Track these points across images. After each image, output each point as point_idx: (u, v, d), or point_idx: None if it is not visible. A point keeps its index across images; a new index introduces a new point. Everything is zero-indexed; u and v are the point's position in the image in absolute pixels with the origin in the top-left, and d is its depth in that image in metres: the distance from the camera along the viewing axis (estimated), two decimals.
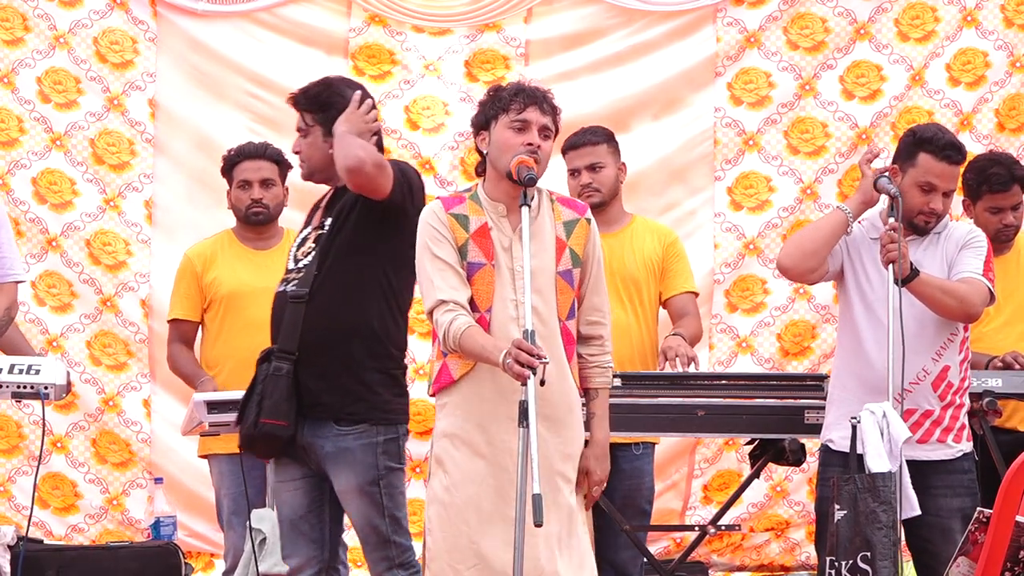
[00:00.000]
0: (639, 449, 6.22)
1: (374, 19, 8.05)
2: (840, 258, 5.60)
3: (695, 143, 8.09)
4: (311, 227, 5.26)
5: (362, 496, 5.09)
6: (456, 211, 4.91)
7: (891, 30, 8.03)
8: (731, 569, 8.07)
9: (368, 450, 5.12)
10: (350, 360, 5.10)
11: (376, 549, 5.14)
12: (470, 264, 4.85)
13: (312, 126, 5.26)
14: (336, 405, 5.09)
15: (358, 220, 5.13)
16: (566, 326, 4.89)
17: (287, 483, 5.17)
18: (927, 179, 5.51)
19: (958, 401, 5.51)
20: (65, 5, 7.84)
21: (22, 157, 7.79)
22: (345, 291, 5.11)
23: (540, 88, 4.96)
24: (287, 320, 5.08)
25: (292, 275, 5.17)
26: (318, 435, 5.08)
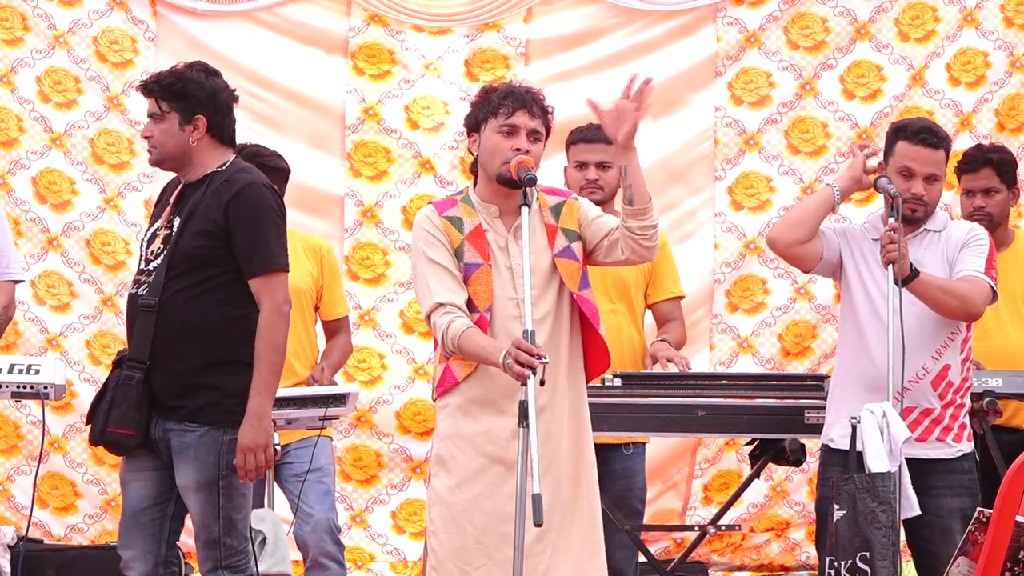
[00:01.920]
0: (629, 449, 6.21)
1: (374, 19, 8.04)
2: (837, 251, 5.59)
3: (695, 143, 8.09)
4: (160, 223, 5.21)
5: (199, 493, 5.09)
6: (449, 214, 4.91)
7: (891, 30, 8.02)
8: (731, 569, 8.06)
9: (211, 448, 5.08)
10: (200, 365, 5.08)
11: (204, 548, 5.13)
12: (467, 265, 4.85)
13: (168, 112, 5.21)
14: (187, 407, 5.09)
15: (203, 230, 5.10)
16: (582, 296, 4.87)
17: (137, 473, 5.15)
18: (903, 163, 5.52)
19: (959, 400, 5.50)
20: (65, 5, 7.84)
21: (22, 157, 7.78)
22: (194, 298, 5.09)
23: (531, 90, 4.95)
24: (138, 328, 5.09)
25: (143, 277, 5.16)
26: (167, 429, 5.09)
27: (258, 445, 5.03)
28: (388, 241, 8.00)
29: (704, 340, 7.99)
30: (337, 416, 6.16)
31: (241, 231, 5.08)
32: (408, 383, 7.95)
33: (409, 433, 7.93)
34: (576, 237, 4.92)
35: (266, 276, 5.09)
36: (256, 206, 5.13)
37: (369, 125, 8.01)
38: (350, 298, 7.82)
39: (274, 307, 5.09)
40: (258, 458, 5.04)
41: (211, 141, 5.19)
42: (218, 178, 5.16)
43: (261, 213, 5.13)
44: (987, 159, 6.36)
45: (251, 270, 5.09)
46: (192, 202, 5.13)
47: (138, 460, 5.15)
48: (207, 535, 5.11)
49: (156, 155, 5.23)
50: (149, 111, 5.23)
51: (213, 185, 5.14)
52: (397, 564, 7.92)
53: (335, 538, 6.26)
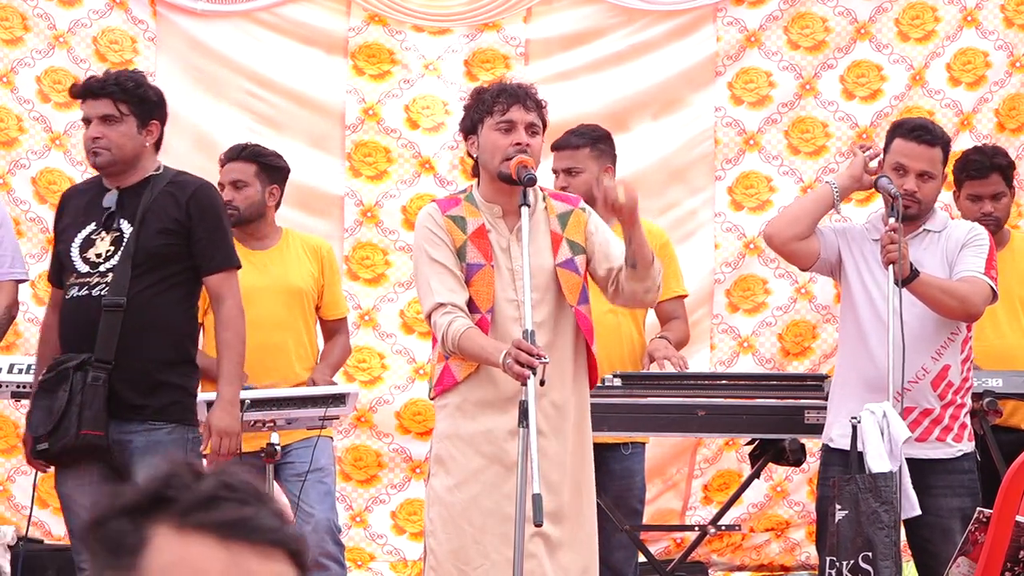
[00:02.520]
0: (628, 449, 6.21)
1: (374, 18, 8.04)
2: (835, 250, 5.59)
3: (695, 143, 8.09)
4: (97, 227, 5.25)
5: None
6: (452, 213, 4.90)
7: (891, 30, 8.02)
8: (731, 569, 8.06)
9: (180, 446, 5.17)
10: (164, 362, 5.19)
11: None
12: (469, 265, 4.84)
13: (126, 115, 5.29)
14: (152, 406, 5.17)
15: (164, 228, 5.22)
16: (579, 311, 4.88)
17: (84, 487, 5.18)
18: (897, 160, 5.53)
19: (959, 400, 5.50)
20: (64, 4, 7.84)
21: (21, 157, 7.79)
22: (158, 295, 5.20)
23: (522, 85, 4.95)
24: (103, 328, 5.11)
25: (94, 279, 5.19)
26: (126, 431, 5.13)
27: (233, 430, 5.22)
28: (388, 241, 8.00)
29: (704, 340, 7.99)
30: (337, 416, 6.16)
31: (203, 229, 5.25)
32: (408, 383, 7.95)
33: (409, 433, 7.93)
34: (581, 250, 4.92)
35: (227, 272, 5.30)
36: (215, 206, 5.35)
37: (369, 125, 8.01)
38: (350, 298, 7.83)
39: (236, 302, 5.30)
40: (232, 443, 5.21)
41: (152, 147, 5.36)
42: (159, 180, 5.30)
43: (219, 212, 5.36)
44: (995, 164, 6.36)
45: (212, 267, 5.27)
46: (143, 204, 5.21)
47: (81, 472, 5.19)
48: None
49: (108, 157, 5.28)
50: (100, 113, 5.26)
51: (157, 187, 5.27)
52: (397, 564, 7.92)
53: (336, 538, 6.27)
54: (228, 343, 5.27)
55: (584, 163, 6.18)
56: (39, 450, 5.16)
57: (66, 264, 5.25)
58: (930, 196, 5.55)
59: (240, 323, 5.31)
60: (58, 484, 5.27)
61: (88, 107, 5.29)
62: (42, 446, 5.14)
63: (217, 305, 5.32)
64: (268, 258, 6.39)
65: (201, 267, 5.27)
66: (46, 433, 5.12)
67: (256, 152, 6.36)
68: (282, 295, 6.29)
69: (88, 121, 5.30)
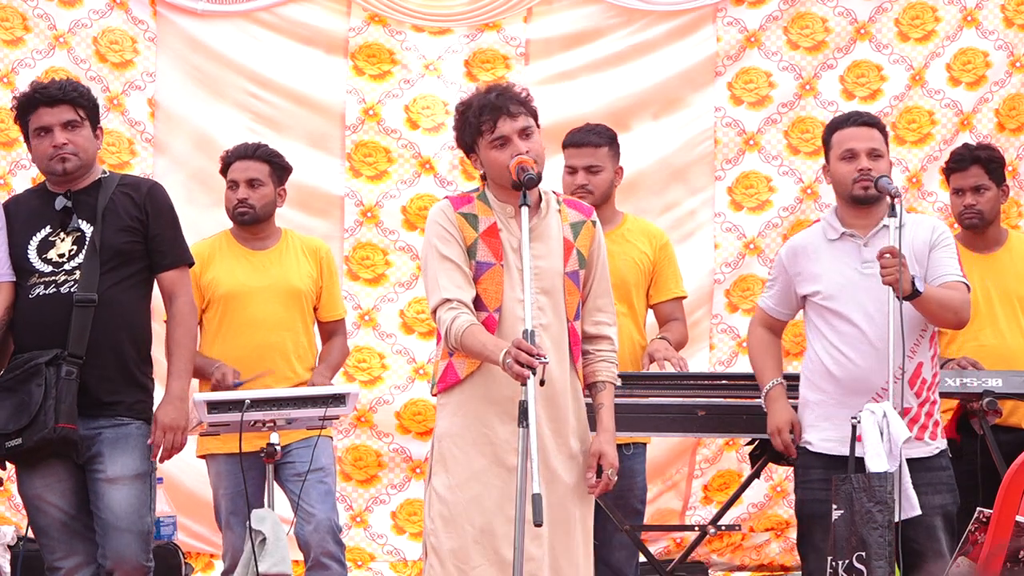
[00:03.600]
0: (630, 450, 6.21)
1: (374, 19, 8.05)
2: (795, 298, 5.63)
3: (695, 143, 8.09)
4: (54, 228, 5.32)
5: (135, 483, 5.24)
6: (465, 210, 4.90)
7: (891, 30, 8.03)
8: (731, 569, 8.07)
9: (144, 441, 5.29)
10: (129, 362, 5.30)
11: (138, 538, 5.24)
12: (479, 263, 4.84)
13: (84, 120, 5.39)
14: (124, 402, 5.27)
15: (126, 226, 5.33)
16: (573, 326, 4.89)
17: (53, 486, 5.24)
18: (844, 148, 5.52)
19: (932, 397, 5.50)
20: (65, 5, 7.84)
21: (22, 157, 7.78)
22: (124, 292, 5.30)
23: (502, 92, 4.88)
24: (76, 324, 5.19)
25: (61, 276, 5.26)
26: (94, 426, 5.20)
27: (179, 425, 5.31)
28: (388, 241, 8.00)
29: (704, 340, 7.99)
30: (337, 416, 6.15)
31: (160, 226, 5.40)
32: (408, 383, 7.95)
33: (409, 433, 7.93)
34: (584, 264, 4.93)
35: (181, 270, 5.45)
36: (169, 204, 5.48)
37: (369, 125, 8.01)
38: (350, 298, 7.83)
39: (188, 299, 5.45)
40: (178, 438, 5.31)
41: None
42: (109, 182, 5.41)
43: (173, 211, 5.49)
44: (975, 157, 6.37)
45: (168, 263, 5.42)
46: (101, 204, 5.32)
47: (52, 470, 5.24)
48: (141, 525, 5.25)
49: (76, 162, 5.38)
50: (63, 119, 5.34)
51: (109, 188, 5.37)
52: (397, 564, 7.92)
53: (337, 538, 6.26)
54: (179, 340, 5.37)
55: (604, 161, 6.21)
56: (10, 446, 5.17)
57: (22, 266, 5.30)
58: (884, 173, 5.54)
59: (192, 320, 5.46)
60: (23, 486, 5.30)
61: (46, 115, 5.36)
62: (13, 442, 5.16)
63: (169, 302, 5.43)
64: (268, 259, 6.39)
65: (156, 264, 5.40)
66: (18, 428, 5.15)
67: (269, 152, 6.39)
68: (281, 296, 6.29)
69: (46, 130, 5.35)
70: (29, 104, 5.39)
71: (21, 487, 5.32)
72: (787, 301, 5.68)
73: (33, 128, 5.39)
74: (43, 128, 5.36)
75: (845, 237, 5.51)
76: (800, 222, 7.98)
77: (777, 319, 5.75)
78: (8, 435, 5.17)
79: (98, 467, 5.23)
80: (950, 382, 5.86)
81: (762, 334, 5.77)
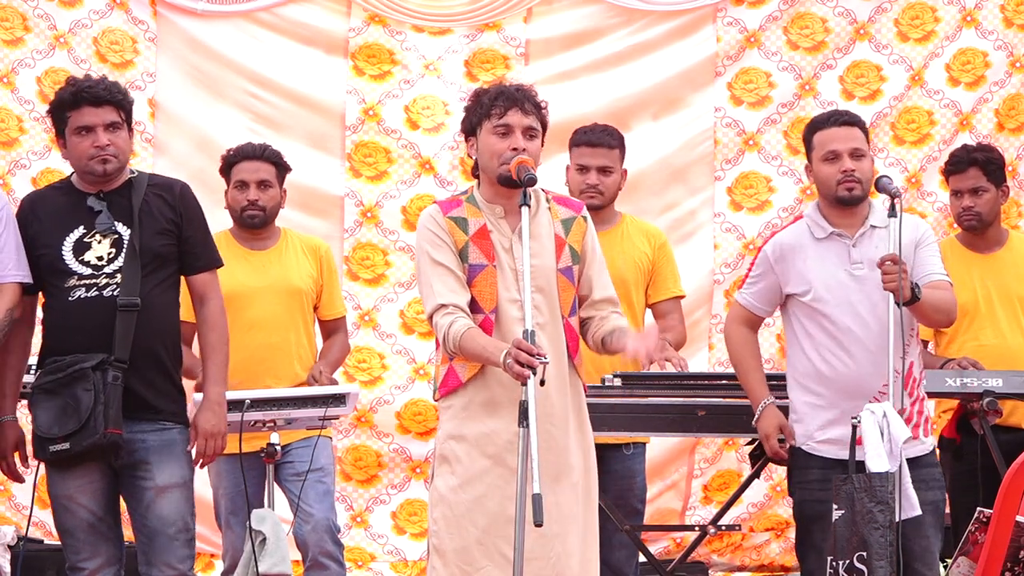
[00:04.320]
0: (629, 449, 6.22)
1: (374, 19, 8.05)
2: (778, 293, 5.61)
3: (695, 143, 8.10)
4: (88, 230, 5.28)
5: (181, 490, 5.23)
6: (454, 214, 4.90)
7: (891, 30, 8.03)
8: (731, 569, 8.07)
9: (186, 446, 5.29)
10: (167, 365, 5.27)
11: (186, 545, 5.23)
12: (472, 266, 4.85)
13: (123, 122, 5.35)
14: (167, 408, 5.25)
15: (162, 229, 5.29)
16: (569, 323, 4.90)
17: (85, 487, 5.20)
18: (826, 149, 5.52)
19: (920, 394, 5.50)
20: (65, 5, 7.84)
21: (22, 157, 7.79)
22: (162, 298, 5.27)
23: (522, 87, 4.94)
24: (120, 328, 5.15)
25: (102, 279, 5.22)
26: (135, 429, 5.16)
27: (219, 431, 5.29)
28: (388, 241, 8.00)
29: (704, 340, 7.99)
30: (337, 416, 6.16)
31: (193, 228, 5.36)
32: (408, 383, 7.95)
33: (409, 433, 7.93)
34: (578, 259, 4.93)
35: (212, 273, 5.41)
36: (199, 206, 5.45)
37: (369, 125, 8.02)
38: (350, 298, 7.83)
39: (220, 302, 5.40)
40: (218, 444, 5.29)
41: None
42: (140, 182, 5.36)
43: (202, 212, 5.45)
44: (972, 159, 6.37)
45: (200, 266, 5.39)
46: (136, 206, 5.27)
47: (85, 471, 5.20)
48: (188, 532, 5.24)
49: (116, 164, 5.34)
50: (107, 120, 5.30)
51: (141, 188, 5.33)
52: (397, 564, 7.92)
53: (335, 538, 6.26)
54: (214, 344, 5.34)
55: (615, 163, 6.22)
56: (56, 451, 5.13)
57: (57, 267, 5.26)
58: (867, 174, 5.53)
59: (225, 324, 5.39)
60: (54, 486, 5.25)
61: (90, 115, 5.28)
62: (60, 446, 5.12)
63: (201, 305, 5.39)
64: (268, 258, 6.39)
65: (189, 266, 5.36)
66: (65, 433, 5.10)
67: (275, 153, 6.40)
68: (282, 295, 6.29)
69: (87, 129, 5.29)
70: (73, 101, 5.31)
71: (52, 487, 5.25)
72: (770, 299, 5.65)
73: (74, 126, 5.30)
74: (85, 127, 5.28)
75: (833, 237, 5.49)
76: None
77: (757, 315, 5.72)
78: (53, 439, 5.13)
79: (144, 475, 5.19)
80: (950, 382, 5.86)
81: (743, 334, 5.73)
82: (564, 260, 4.90)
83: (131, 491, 5.22)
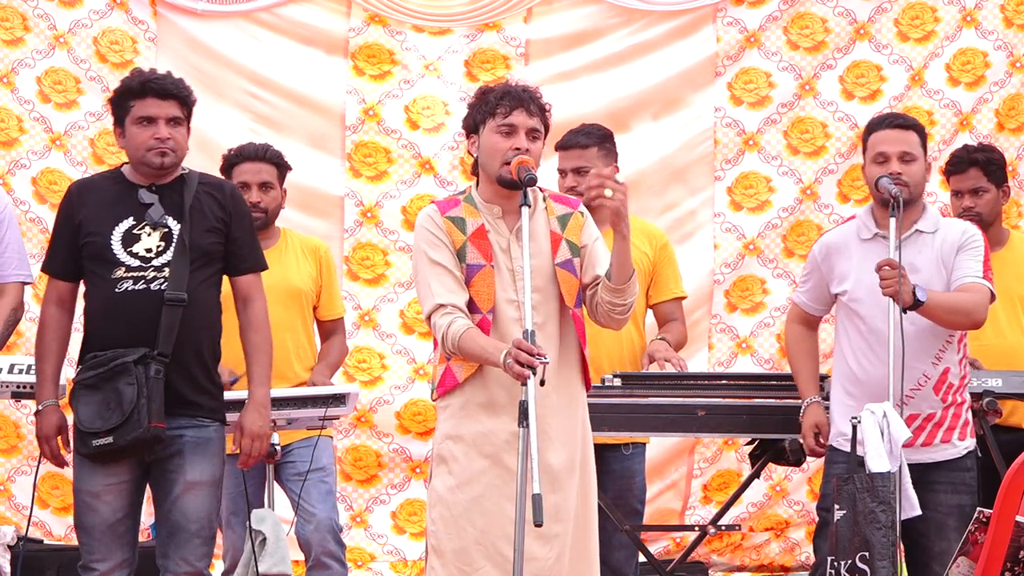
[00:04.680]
0: (629, 450, 6.22)
1: (374, 19, 8.05)
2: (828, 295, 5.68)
3: (695, 143, 8.10)
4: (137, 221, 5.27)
5: (211, 488, 5.24)
6: (452, 214, 4.90)
7: (891, 30, 8.03)
8: (731, 569, 8.07)
9: (221, 446, 5.30)
10: (207, 361, 5.29)
11: (206, 544, 5.24)
12: (469, 266, 4.85)
13: (184, 118, 5.36)
14: (205, 405, 5.26)
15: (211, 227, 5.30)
16: (576, 314, 4.89)
17: (113, 485, 5.19)
18: (876, 150, 5.58)
19: (959, 399, 5.52)
20: (65, 5, 7.84)
21: (22, 157, 7.79)
22: (207, 296, 5.29)
23: (528, 88, 4.94)
24: (165, 323, 5.15)
25: (149, 272, 5.21)
26: (174, 425, 5.16)
27: (265, 433, 5.32)
28: (388, 241, 8.00)
29: (704, 340, 7.99)
30: (337, 416, 6.16)
31: (241, 230, 5.37)
32: (408, 383, 7.95)
33: (409, 433, 7.93)
34: (577, 252, 4.93)
35: (258, 275, 5.43)
36: (248, 208, 5.51)
37: (369, 125, 8.02)
38: (350, 298, 7.84)
39: (264, 304, 5.42)
40: (264, 445, 5.32)
41: None
42: (191, 180, 5.36)
43: (251, 215, 5.52)
44: (973, 159, 6.38)
45: (247, 267, 5.40)
46: (188, 201, 5.28)
47: (114, 471, 5.19)
48: (210, 530, 5.25)
49: (174, 159, 5.33)
50: (171, 114, 5.30)
51: (192, 186, 5.33)
52: (397, 564, 7.92)
53: (337, 538, 6.27)
54: (258, 346, 5.36)
55: (593, 162, 6.19)
56: (98, 445, 5.11)
57: (105, 256, 5.24)
58: (916, 178, 5.56)
59: (268, 325, 5.42)
60: (81, 481, 5.22)
61: (155, 106, 5.29)
62: (103, 440, 5.10)
63: (245, 306, 5.40)
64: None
65: (235, 267, 5.38)
66: (108, 428, 5.09)
67: (276, 154, 6.41)
68: (281, 295, 6.29)
69: (149, 120, 5.29)
70: (140, 90, 5.32)
71: (79, 482, 5.23)
72: (821, 297, 5.74)
73: (137, 115, 5.30)
74: (148, 118, 5.29)
75: (877, 238, 5.54)
76: (800, 222, 7.99)
77: (811, 314, 5.82)
78: (96, 433, 5.11)
79: (176, 469, 5.19)
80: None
81: (799, 332, 5.85)
82: (562, 254, 4.90)
83: (160, 483, 5.22)
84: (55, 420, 5.32)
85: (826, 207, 7.99)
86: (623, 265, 4.80)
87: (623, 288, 4.82)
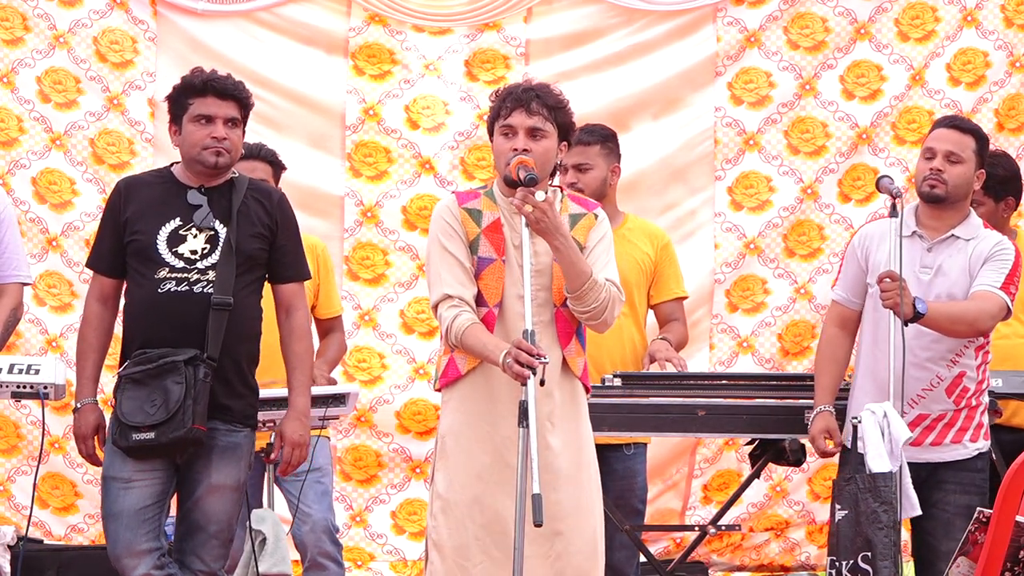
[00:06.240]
0: (630, 450, 6.22)
1: (374, 18, 8.05)
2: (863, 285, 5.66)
3: (695, 143, 8.09)
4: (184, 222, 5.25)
5: (234, 493, 5.22)
6: (469, 206, 4.93)
7: (891, 30, 8.03)
8: (731, 569, 8.07)
9: (249, 451, 5.29)
10: (245, 366, 5.29)
11: (222, 545, 5.23)
12: (480, 259, 4.86)
13: (241, 121, 5.34)
14: (238, 410, 5.25)
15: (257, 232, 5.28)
16: (561, 312, 4.89)
17: (147, 473, 5.15)
18: (927, 145, 5.60)
19: (974, 403, 5.54)
20: (65, 5, 7.84)
21: (22, 157, 7.79)
22: (250, 301, 5.28)
23: (533, 88, 4.93)
24: (212, 326, 5.15)
25: (193, 275, 5.20)
26: (208, 427, 5.15)
27: (305, 441, 5.33)
28: (388, 241, 8.00)
29: (704, 340, 7.99)
30: (337, 416, 6.16)
31: (286, 237, 5.36)
32: (408, 383, 7.95)
33: (409, 433, 7.93)
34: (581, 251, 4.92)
35: (301, 284, 5.43)
36: (295, 217, 5.44)
37: (369, 125, 8.02)
38: (350, 298, 7.84)
39: (307, 312, 5.47)
40: (304, 453, 5.34)
41: None
42: (240, 184, 5.33)
43: (297, 224, 5.46)
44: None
45: (290, 275, 5.39)
46: (236, 206, 5.26)
47: (148, 460, 5.16)
48: (229, 533, 5.24)
49: (228, 160, 5.31)
50: (229, 115, 5.28)
51: (240, 190, 5.30)
52: (397, 564, 7.92)
53: (333, 538, 6.27)
54: (300, 355, 5.36)
55: (594, 160, 6.20)
56: (139, 439, 5.09)
57: (149, 256, 5.22)
58: (958, 179, 5.55)
59: (310, 335, 5.45)
60: (112, 468, 5.17)
61: (214, 105, 5.27)
62: (145, 435, 5.08)
63: (287, 315, 5.38)
64: None
65: (278, 274, 5.37)
66: (150, 423, 5.07)
67: (270, 152, 6.40)
68: None
69: (207, 118, 5.27)
70: (201, 88, 5.30)
71: (108, 470, 5.19)
72: (859, 289, 5.68)
73: (195, 113, 5.27)
74: (206, 116, 5.26)
75: (915, 236, 5.55)
76: (800, 222, 7.98)
77: (849, 308, 5.72)
78: (138, 428, 5.09)
79: (202, 469, 5.18)
80: None
81: (833, 335, 5.75)
82: None
83: (185, 482, 5.22)
84: (93, 419, 5.29)
85: (827, 207, 7.99)
86: (568, 276, 4.79)
87: (577, 296, 4.81)
